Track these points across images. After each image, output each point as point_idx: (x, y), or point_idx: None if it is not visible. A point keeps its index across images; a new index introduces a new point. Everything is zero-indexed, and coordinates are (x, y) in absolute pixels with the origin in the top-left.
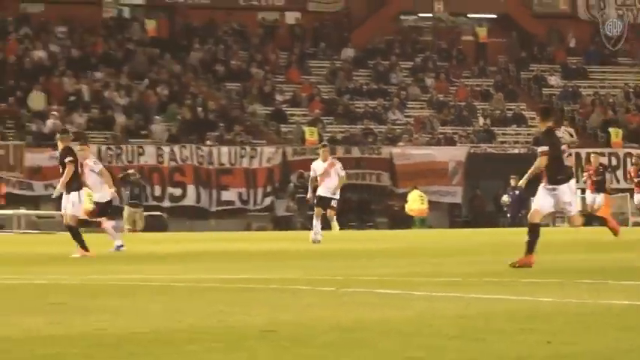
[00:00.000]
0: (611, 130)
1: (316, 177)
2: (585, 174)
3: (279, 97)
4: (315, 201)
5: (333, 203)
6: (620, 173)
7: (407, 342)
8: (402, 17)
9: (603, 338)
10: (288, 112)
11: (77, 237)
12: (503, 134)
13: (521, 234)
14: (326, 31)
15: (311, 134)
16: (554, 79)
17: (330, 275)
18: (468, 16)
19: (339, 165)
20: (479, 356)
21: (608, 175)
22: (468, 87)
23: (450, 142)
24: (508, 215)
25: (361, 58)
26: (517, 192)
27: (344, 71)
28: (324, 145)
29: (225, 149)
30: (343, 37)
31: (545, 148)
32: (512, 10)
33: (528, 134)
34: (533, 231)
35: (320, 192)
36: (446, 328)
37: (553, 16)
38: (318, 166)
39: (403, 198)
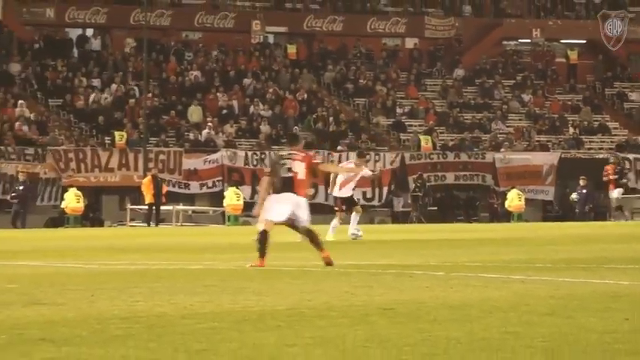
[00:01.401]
0: None
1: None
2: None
3: (399, 110)
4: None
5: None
6: None
7: (506, 318)
8: (505, 42)
9: None
10: (407, 123)
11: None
12: (590, 142)
13: (595, 227)
14: (440, 54)
15: (426, 142)
16: (634, 95)
17: (441, 262)
18: (561, 41)
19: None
20: (568, 330)
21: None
22: (560, 102)
23: (544, 148)
24: (576, 211)
25: (469, 77)
26: (584, 190)
27: (455, 88)
28: (360, 155)
29: (352, 154)
30: (454, 59)
31: None
32: (599, 36)
33: (611, 142)
34: None
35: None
36: (539, 307)
37: (633, 42)
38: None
39: (503, 196)
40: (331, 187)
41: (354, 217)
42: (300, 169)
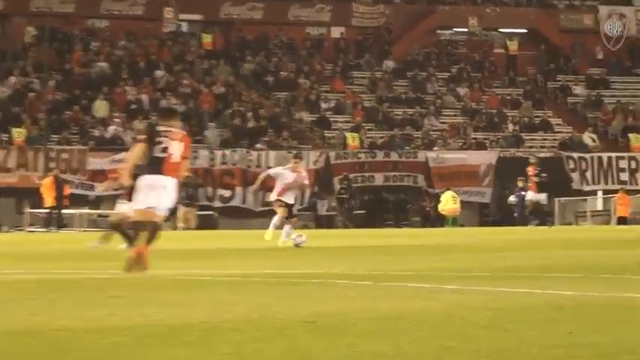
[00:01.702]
0: (630, 135)
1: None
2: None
3: (324, 105)
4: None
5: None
6: (639, 176)
7: (438, 332)
8: (439, 31)
9: (624, 330)
10: (332, 119)
11: None
12: (531, 140)
13: (536, 232)
14: (368, 44)
15: (353, 140)
16: (578, 89)
17: (368, 270)
18: (500, 30)
19: (306, 176)
20: (507, 345)
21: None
22: (498, 96)
23: (481, 146)
24: (515, 215)
25: (400, 69)
26: (523, 193)
27: (384, 81)
28: (296, 157)
29: (273, 153)
30: (384, 50)
31: None
32: (540, 25)
33: (554, 139)
34: None
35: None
36: (476, 319)
37: (578, 31)
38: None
39: (437, 199)
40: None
41: (288, 227)
42: (176, 150)
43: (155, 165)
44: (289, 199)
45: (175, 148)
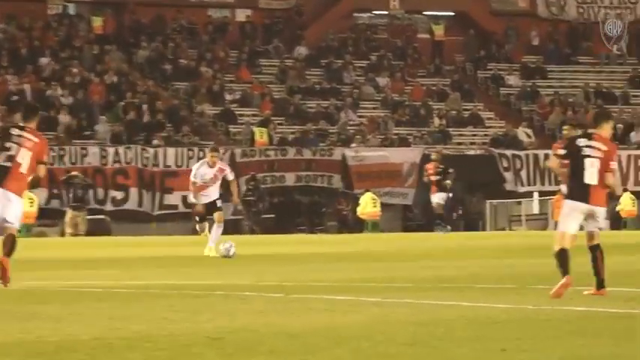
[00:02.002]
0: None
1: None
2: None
3: (228, 97)
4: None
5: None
6: None
7: (357, 349)
8: (356, 14)
9: (559, 345)
10: (238, 113)
11: None
12: (460, 135)
13: (465, 238)
14: (277, 28)
15: (261, 135)
16: (512, 79)
17: (279, 281)
18: (424, 13)
19: (228, 170)
20: None
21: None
22: (423, 86)
23: (404, 143)
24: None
25: (314, 57)
26: (451, 194)
27: (296, 70)
28: (213, 150)
29: (171, 150)
30: (295, 35)
31: None
32: (469, 8)
33: (485, 135)
34: None
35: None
36: (398, 335)
37: (512, 14)
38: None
39: (355, 201)
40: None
41: (216, 228)
42: (25, 159)
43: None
44: (204, 198)
45: (25, 157)
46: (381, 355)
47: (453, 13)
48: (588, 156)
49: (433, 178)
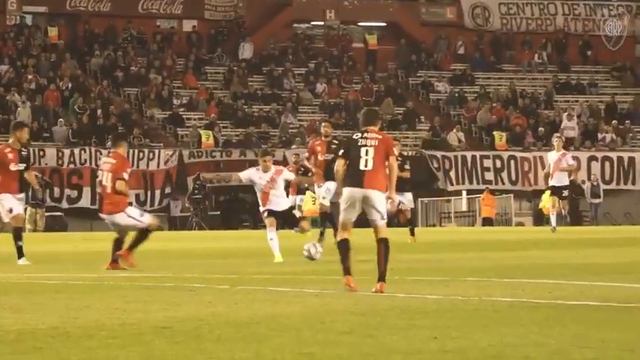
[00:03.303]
0: (495, 133)
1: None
2: None
3: (176, 102)
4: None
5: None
6: (504, 175)
7: (299, 338)
8: (295, 25)
9: (488, 333)
10: (185, 116)
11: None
12: (393, 137)
13: (398, 233)
14: (222, 38)
15: (207, 137)
16: (441, 85)
17: (225, 274)
18: (359, 24)
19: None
20: (370, 351)
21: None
22: (358, 92)
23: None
24: None
25: (256, 65)
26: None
27: (239, 77)
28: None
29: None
30: (238, 44)
31: None
32: (401, 19)
33: (417, 137)
34: None
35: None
36: (336, 325)
37: (440, 25)
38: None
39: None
40: None
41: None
42: (108, 181)
43: None
44: (274, 204)
45: (108, 178)
46: (320, 343)
47: (385, 24)
48: (364, 145)
49: None
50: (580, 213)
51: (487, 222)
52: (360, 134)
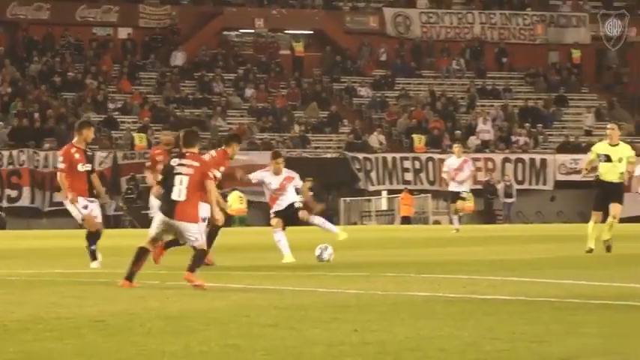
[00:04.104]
0: (414, 136)
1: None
2: None
3: (111, 106)
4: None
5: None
6: (423, 175)
7: (225, 330)
8: (225, 33)
9: (406, 326)
10: (120, 120)
11: None
12: (317, 140)
13: (319, 231)
14: (155, 45)
15: (140, 140)
16: (364, 90)
17: (156, 270)
18: (286, 32)
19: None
20: (293, 344)
21: None
22: (285, 97)
23: (268, 147)
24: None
25: (188, 70)
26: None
27: (171, 82)
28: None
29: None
30: (171, 51)
31: None
32: (326, 27)
33: (340, 140)
34: None
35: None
36: (261, 318)
37: (363, 33)
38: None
39: (224, 198)
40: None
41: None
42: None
43: None
44: (281, 205)
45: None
46: (246, 335)
47: (311, 32)
48: (179, 173)
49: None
50: (494, 212)
51: (406, 220)
52: (178, 160)
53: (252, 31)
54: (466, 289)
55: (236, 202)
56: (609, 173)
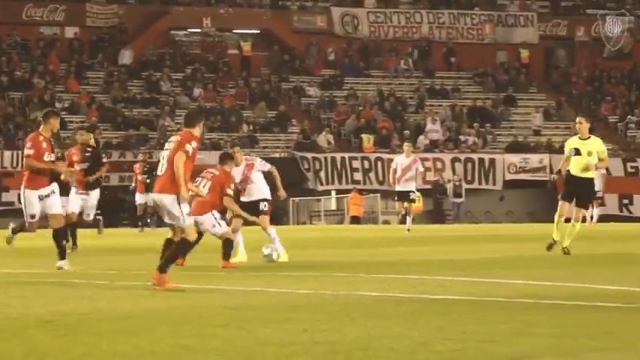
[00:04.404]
0: (363, 136)
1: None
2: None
3: (58, 105)
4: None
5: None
6: (372, 175)
7: (177, 330)
8: (173, 32)
9: (356, 326)
10: (67, 119)
11: None
12: (266, 140)
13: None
14: (103, 44)
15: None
16: (312, 90)
17: (105, 270)
18: (234, 31)
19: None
20: (244, 343)
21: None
22: (233, 96)
23: (216, 146)
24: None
25: (135, 70)
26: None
27: (119, 81)
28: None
29: (8, 153)
30: (119, 50)
31: None
32: (274, 26)
33: (289, 140)
34: None
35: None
36: (213, 318)
37: (311, 32)
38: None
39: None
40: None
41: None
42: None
43: None
44: (250, 197)
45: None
46: (197, 336)
47: (259, 31)
48: (165, 149)
49: (140, 177)
50: (443, 212)
51: (355, 220)
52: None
53: (200, 30)
54: (416, 289)
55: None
56: (579, 167)
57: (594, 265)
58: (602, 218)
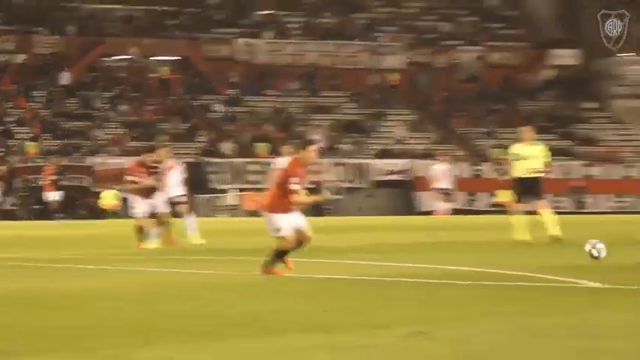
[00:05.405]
0: (258, 144)
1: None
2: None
3: (8, 119)
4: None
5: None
6: (265, 177)
7: (100, 307)
8: (105, 58)
9: (247, 304)
10: (15, 131)
11: None
12: (179, 147)
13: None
14: (46, 68)
15: (32, 148)
16: (218, 106)
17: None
18: (155, 58)
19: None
20: (147, 316)
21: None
22: (152, 111)
23: (137, 153)
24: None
25: (73, 89)
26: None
27: (59, 99)
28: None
29: None
30: (60, 73)
31: None
32: (189, 54)
33: (197, 147)
34: None
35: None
36: (131, 295)
37: (219, 59)
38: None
39: (98, 195)
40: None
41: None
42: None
43: None
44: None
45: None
46: (115, 309)
47: (177, 58)
48: None
49: (50, 178)
50: (322, 207)
51: (251, 214)
52: None
53: (127, 57)
54: (309, 270)
55: (111, 198)
56: (524, 170)
57: (449, 252)
58: (453, 212)
